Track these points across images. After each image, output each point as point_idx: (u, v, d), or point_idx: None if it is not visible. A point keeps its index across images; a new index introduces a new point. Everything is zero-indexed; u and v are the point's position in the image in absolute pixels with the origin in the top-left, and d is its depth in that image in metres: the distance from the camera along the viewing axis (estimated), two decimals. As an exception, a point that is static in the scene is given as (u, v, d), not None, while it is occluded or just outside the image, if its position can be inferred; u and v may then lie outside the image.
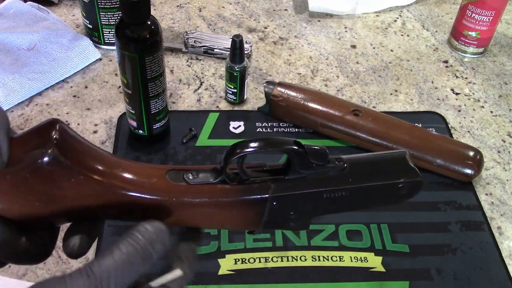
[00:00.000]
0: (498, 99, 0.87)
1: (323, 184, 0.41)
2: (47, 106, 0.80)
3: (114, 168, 0.37)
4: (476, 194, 0.72)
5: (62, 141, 0.34)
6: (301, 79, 0.88)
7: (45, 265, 0.61)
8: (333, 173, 0.41)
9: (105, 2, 0.84)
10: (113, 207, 0.37)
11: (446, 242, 0.66)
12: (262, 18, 1.00)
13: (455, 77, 0.91)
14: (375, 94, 0.86)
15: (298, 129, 0.79)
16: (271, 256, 0.63)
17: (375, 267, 0.63)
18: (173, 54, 0.91)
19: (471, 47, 0.93)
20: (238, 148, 0.38)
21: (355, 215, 0.68)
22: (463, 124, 0.82)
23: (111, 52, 0.89)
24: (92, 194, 0.36)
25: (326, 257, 0.64)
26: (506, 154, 0.78)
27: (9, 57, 0.84)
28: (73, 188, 0.35)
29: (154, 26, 0.64)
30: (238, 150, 0.38)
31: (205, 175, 0.39)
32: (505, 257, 0.66)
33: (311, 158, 0.40)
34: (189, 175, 0.39)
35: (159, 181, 0.38)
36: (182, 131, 0.77)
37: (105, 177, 0.36)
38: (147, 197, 0.37)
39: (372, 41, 0.97)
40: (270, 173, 0.41)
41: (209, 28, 0.96)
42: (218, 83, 0.86)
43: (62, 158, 0.34)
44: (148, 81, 0.66)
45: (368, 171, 0.42)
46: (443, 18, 1.03)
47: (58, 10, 0.98)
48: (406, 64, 0.93)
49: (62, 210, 0.36)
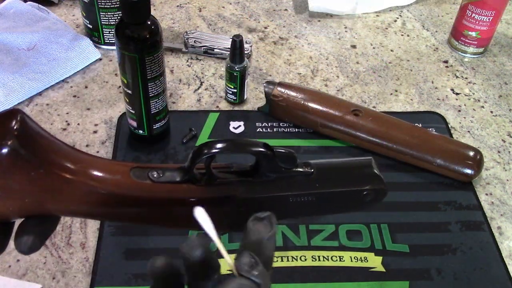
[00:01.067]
0: (498, 99, 0.87)
1: (290, 188, 0.41)
2: (47, 106, 0.80)
3: (77, 163, 0.36)
4: (476, 194, 0.72)
5: (22, 132, 0.33)
6: (301, 79, 0.88)
7: (45, 265, 0.62)
8: (300, 178, 0.41)
9: (105, 2, 0.84)
10: (73, 203, 0.36)
11: (446, 242, 0.66)
12: (262, 18, 1.00)
13: (455, 77, 0.91)
14: (375, 94, 0.86)
15: (298, 129, 0.79)
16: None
17: (375, 267, 0.63)
18: (173, 54, 0.91)
19: (471, 47, 0.93)
20: (206, 149, 0.38)
21: (355, 215, 0.68)
22: (463, 124, 0.82)
23: (111, 52, 0.89)
24: (52, 189, 0.34)
25: (326, 257, 0.64)
26: (506, 154, 0.78)
27: (9, 57, 0.84)
28: (33, 182, 0.34)
29: (154, 26, 0.64)
30: (205, 150, 0.38)
31: (171, 174, 0.39)
32: (505, 257, 0.66)
33: (280, 161, 0.40)
34: (154, 173, 0.39)
35: (122, 178, 0.37)
36: (182, 131, 0.77)
37: (67, 172, 0.35)
38: (110, 193, 0.36)
39: (372, 41, 0.97)
40: (238, 174, 0.41)
41: (209, 28, 0.97)
42: (218, 83, 0.86)
43: (22, 150, 0.32)
44: (148, 81, 0.66)
45: (334, 177, 0.42)
46: (443, 18, 1.03)
47: (58, 10, 0.98)
48: (406, 64, 0.93)
49: (19, 205, 0.35)
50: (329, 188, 0.42)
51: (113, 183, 0.37)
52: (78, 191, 0.35)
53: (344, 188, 0.42)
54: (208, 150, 0.38)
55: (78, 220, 0.66)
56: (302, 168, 0.41)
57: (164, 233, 0.64)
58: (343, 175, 0.43)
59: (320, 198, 0.42)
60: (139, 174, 0.38)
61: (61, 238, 0.64)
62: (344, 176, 0.43)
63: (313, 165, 0.42)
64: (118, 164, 0.38)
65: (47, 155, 0.34)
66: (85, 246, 0.64)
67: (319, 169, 0.42)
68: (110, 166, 0.38)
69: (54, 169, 0.34)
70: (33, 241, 0.35)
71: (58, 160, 0.35)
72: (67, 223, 0.66)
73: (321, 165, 0.42)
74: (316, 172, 0.41)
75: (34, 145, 0.33)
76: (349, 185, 0.42)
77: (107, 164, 0.38)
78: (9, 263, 0.62)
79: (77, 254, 0.63)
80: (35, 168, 0.33)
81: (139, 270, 0.61)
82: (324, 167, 0.42)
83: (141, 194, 0.38)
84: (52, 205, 0.36)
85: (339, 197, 0.42)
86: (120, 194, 0.37)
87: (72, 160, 0.35)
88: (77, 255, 0.63)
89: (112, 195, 0.37)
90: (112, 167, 0.38)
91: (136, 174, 0.38)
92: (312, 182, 0.41)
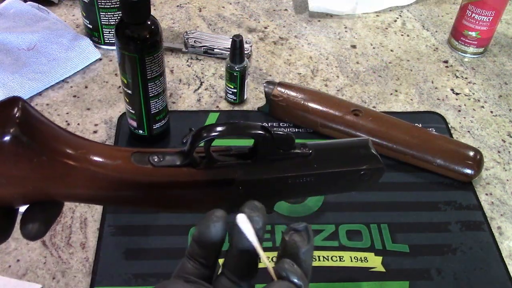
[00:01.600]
0: (498, 99, 0.87)
1: (288, 169, 0.41)
2: (47, 106, 0.80)
3: (78, 149, 0.36)
4: (476, 194, 0.72)
5: (24, 120, 0.33)
6: (301, 79, 0.88)
7: (45, 265, 0.62)
8: (299, 159, 0.41)
9: (105, 2, 0.84)
10: (76, 188, 0.36)
11: (446, 242, 0.66)
12: (262, 18, 1.00)
13: (455, 77, 0.91)
14: (375, 94, 0.86)
15: (298, 129, 0.79)
16: (271, 256, 0.63)
17: (375, 267, 0.63)
18: (173, 54, 0.91)
19: (471, 47, 0.93)
20: (205, 132, 0.38)
21: (355, 215, 0.68)
22: (463, 124, 0.82)
23: (111, 52, 0.89)
24: (54, 175, 0.35)
25: (326, 257, 0.64)
26: (506, 154, 0.78)
27: (9, 57, 0.84)
28: (35, 169, 0.34)
29: (154, 26, 0.64)
30: (204, 134, 0.38)
31: (171, 158, 0.39)
32: (505, 257, 0.66)
33: (278, 143, 0.40)
34: (155, 157, 0.39)
35: (123, 163, 0.37)
36: (182, 131, 0.77)
37: (69, 158, 0.35)
38: (111, 178, 0.37)
39: (372, 41, 0.97)
40: (237, 157, 0.41)
41: (209, 28, 0.97)
42: (218, 83, 0.86)
43: (24, 137, 0.32)
44: (148, 81, 0.66)
45: (332, 158, 0.43)
46: (443, 18, 1.03)
47: (58, 10, 0.98)
48: (406, 64, 0.93)
49: (22, 191, 0.35)
50: (327, 168, 0.42)
51: (114, 168, 0.37)
52: (81, 176, 0.36)
53: (342, 168, 0.43)
54: (207, 133, 0.38)
55: (78, 220, 0.66)
56: (300, 150, 0.41)
57: (164, 233, 0.64)
58: (340, 156, 0.43)
59: (318, 178, 0.42)
60: (140, 159, 0.38)
61: (61, 238, 0.64)
62: (341, 157, 0.43)
63: (310, 146, 0.42)
64: (119, 150, 0.39)
65: (49, 142, 0.34)
66: (85, 246, 0.64)
67: (317, 150, 0.42)
68: (111, 151, 0.38)
69: (56, 156, 0.34)
70: (38, 228, 0.35)
71: (60, 146, 0.35)
72: (67, 223, 0.66)
73: (319, 146, 0.43)
74: (314, 153, 0.42)
75: (35, 132, 0.34)
76: (347, 165, 0.43)
77: (108, 150, 0.38)
78: (9, 263, 0.62)
79: (77, 254, 0.63)
80: (37, 155, 0.33)
81: (139, 270, 0.61)
82: (322, 148, 0.43)
83: (142, 178, 0.38)
84: (55, 191, 0.36)
85: (337, 177, 0.43)
86: (122, 179, 0.37)
87: (74, 146, 0.36)
88: (77, 255, 0.63)
89: (114, 179, 0.37)
90: (113, 153, 0.38)
91: (137, 159, 0.38)
92: (310, 163, 0.41)
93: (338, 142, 0.47)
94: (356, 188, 0.45)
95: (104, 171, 0.36)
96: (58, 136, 0.35)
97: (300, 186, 0.42)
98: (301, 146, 0.42)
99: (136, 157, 0.38)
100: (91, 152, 0.36)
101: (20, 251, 0.63)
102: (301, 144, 0.42)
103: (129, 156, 0.38)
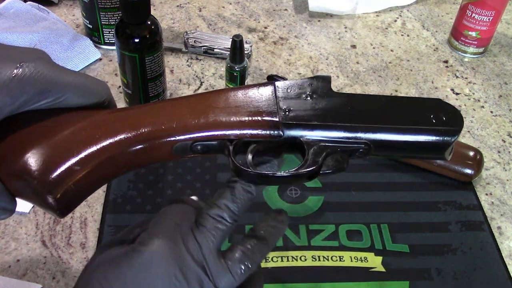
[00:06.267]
0: (498, 99, 0.87)
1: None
2: (47, 106, 0.80)
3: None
4: (476, 194, 0.72)
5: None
6: (301, 79, 0.88)
7: (45, 265, 0.62)
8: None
9: (105, 2, 0.84)
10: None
11: (446, 242, 0.66)
12: (262, 18, 1.00)
13: (455, 77, 0.91)
14: (375, 94, 0.86)
15: (298, 129, 0.79)
16: (271, 256, 0.63)
17: (375, 267, 0.63)
18: (173, 54, 0.91)
19: (471, 47, 0.93)
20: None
21: (355, 215, 0.68)
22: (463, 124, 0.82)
23: (111, 52, 0.89)
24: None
25: (326, 257, 0.64)
26: (506, 154, 0.78)
27: (9, 57, 0.83)
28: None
29: (154, 26, 0.64)
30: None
31: None
32: (505, 257, 0.66)
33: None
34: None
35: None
36: (182, 131, 0.77)
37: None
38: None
39: (372, 41, 0.97)
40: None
41: (209, 28, 0.97)
42: (218, 83, 0.86)
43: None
44: (148, 81, 0.66)
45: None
46: (443, 18, 1.03)
47: (58, 10, 0.98)
48: (406, 64, 0.93)
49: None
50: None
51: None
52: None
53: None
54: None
55: (78, 220, 0.66)
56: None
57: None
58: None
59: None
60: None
61: (61, 238, 0.64)
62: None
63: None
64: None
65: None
66: (85, 246, 0.64)
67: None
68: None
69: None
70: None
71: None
72: (67, 223, 0.66)
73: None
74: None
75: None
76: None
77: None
78: (9, 263, 0.62)
79: (77, 254, 0.63)
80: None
81: (139, 270, 0.61)
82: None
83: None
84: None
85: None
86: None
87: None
88: (77, 255, 0.63)
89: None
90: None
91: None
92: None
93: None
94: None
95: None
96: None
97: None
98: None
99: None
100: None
101: (20, 251, 0.63)
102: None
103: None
